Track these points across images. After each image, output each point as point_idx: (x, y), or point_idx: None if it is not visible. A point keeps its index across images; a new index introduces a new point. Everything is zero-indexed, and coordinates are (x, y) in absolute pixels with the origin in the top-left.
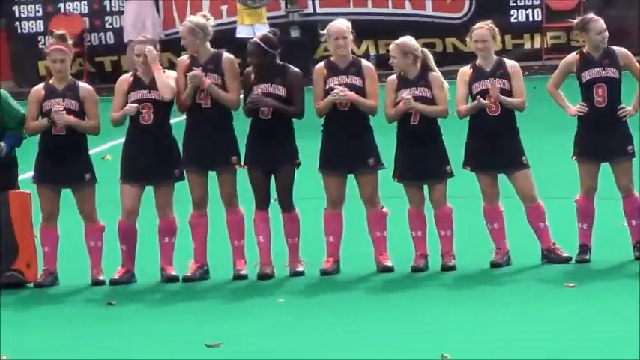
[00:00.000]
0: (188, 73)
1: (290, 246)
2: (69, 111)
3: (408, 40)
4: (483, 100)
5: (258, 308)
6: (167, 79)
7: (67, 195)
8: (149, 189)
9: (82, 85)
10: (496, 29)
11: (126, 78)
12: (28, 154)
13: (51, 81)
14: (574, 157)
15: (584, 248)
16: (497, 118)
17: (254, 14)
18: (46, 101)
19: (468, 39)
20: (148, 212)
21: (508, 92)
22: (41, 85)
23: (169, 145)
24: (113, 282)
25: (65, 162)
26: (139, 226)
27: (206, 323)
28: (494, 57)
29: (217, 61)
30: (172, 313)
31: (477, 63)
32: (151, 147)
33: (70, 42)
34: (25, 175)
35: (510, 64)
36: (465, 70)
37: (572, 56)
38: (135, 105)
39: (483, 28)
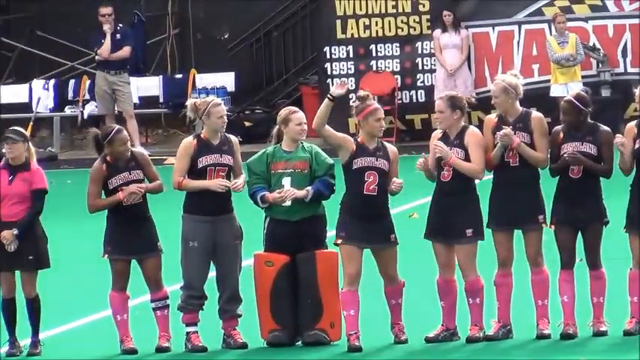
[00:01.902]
0: (498, 132)
1: (595, 305)
2: (381, 171)
3: None
4: None
5: None
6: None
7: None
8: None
9: (390, 146)
10: None
11: (435, 134)
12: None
13: (360, 138)
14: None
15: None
16: None
17: (568, 73)
18: (357, 159)
19: None
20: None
21: None
22: (352, 139)
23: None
24: (428, 340)
25: (370, 223)
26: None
27: None
28: None
29: (526, 120)
30: None
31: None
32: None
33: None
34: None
35: None
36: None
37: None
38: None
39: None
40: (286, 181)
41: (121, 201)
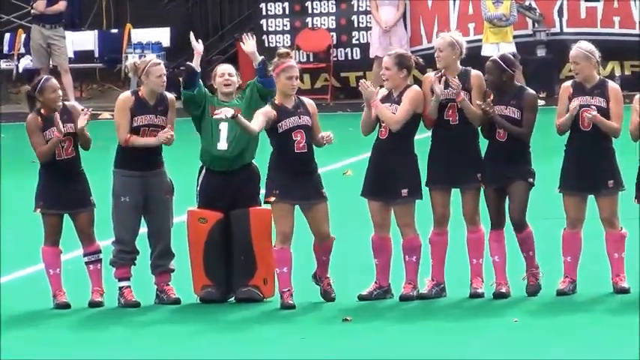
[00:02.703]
0: (434, 84)
1: (526, 258)
2: (306, 128)
3: None
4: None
5: (492, 327)
6: (384, 112)
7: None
8: None
9: (307, 100)
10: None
11: (381, 92)
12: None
13: (277, 100)
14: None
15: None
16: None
17: (500, 33)
18: (282, 122)
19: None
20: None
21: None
22: (269, 107)
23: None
24: (361, 298)
25: (302, 180)
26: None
27: (441, 340)
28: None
29: (466, 78)
30: (407, 330)
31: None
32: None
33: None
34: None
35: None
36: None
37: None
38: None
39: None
40: (223, 126)
41: (60, 140)
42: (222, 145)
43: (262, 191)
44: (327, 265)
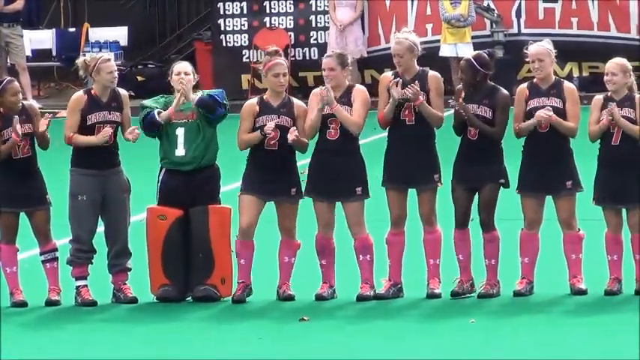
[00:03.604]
0: (392, 88)
1: (487, 267)
2: (282, 128)
3: (626, 60)
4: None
5: (449, 328)
6: (346, 115)
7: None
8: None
9: (296, 101)
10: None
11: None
12: (235, 166)
13: (265, 96)
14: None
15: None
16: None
17: (458, 33)
18: (260, 117)
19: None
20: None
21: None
22: (255, 101)
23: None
24: (318, 297)
25: (273, 176)
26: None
27: (398, 340)
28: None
29: (423, 79)
30: (364, 330)
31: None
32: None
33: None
34: (229, 187)
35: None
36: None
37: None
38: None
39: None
40: (180, 132)
41: (17, 143)
42: (180, 151)
43: (222, 189)
44: (290, 269)
